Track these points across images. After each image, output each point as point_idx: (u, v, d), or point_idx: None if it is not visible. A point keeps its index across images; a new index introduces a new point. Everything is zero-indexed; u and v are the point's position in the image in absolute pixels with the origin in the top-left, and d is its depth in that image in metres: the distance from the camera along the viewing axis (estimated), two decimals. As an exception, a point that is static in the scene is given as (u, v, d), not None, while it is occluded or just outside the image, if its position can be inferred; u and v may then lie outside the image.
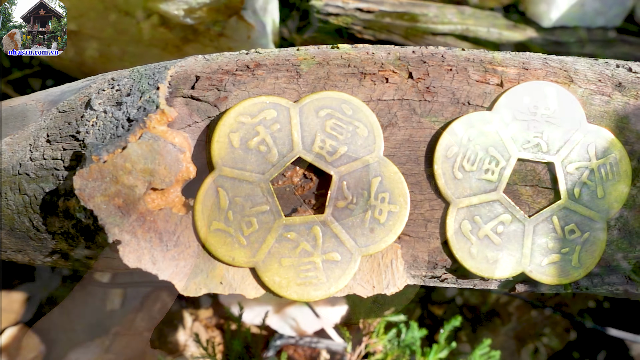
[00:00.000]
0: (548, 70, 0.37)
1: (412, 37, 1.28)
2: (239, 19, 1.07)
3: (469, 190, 0.36)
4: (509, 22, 1.31)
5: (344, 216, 0.35)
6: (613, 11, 1.34)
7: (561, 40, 1.31)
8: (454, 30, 1.27)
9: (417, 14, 1.25)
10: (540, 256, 0.36)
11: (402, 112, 0.36)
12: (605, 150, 0.36)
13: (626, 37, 1.36)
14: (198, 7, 1.00)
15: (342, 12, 1.21)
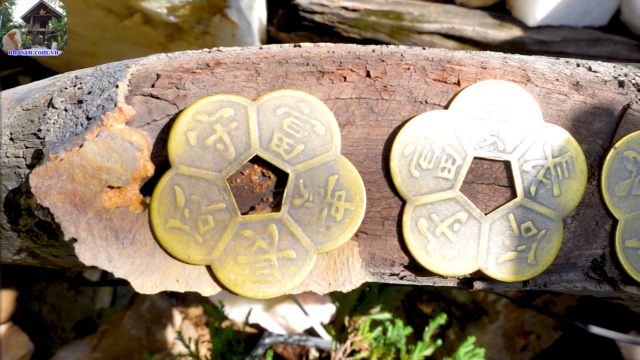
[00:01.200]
0: (506, 70, 0.38)
1: (398, 35, 1.29)
2: (222, 17, 1.07)
3: (425, 188, 0.36)
4: (494, 21, 1.32)
5: (300, 214, 0.35)
6: (599, 11, 1.35)
7: (546, 39, 1.32)
8: (440, 29, 1.27)
9: (402, 13, 1.26)
10: (497, 254, 0.36)
11: (359, 111, 0.36)
12: (561, 148, 0.37)
13: (612, 36, 1.36)
14: (181, 5, 1.00)
15: (327, 11, 1.21)
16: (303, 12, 1.20)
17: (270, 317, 1.48)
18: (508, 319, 1.50)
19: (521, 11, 1.31)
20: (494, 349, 1.49)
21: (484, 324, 1.51)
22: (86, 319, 1.57)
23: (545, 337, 1.48)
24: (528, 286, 0.38)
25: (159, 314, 1.54)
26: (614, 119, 0.38)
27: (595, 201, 0.38)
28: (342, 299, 1.11)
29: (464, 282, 0.38)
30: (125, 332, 1.49)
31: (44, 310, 1.56)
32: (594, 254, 0.38)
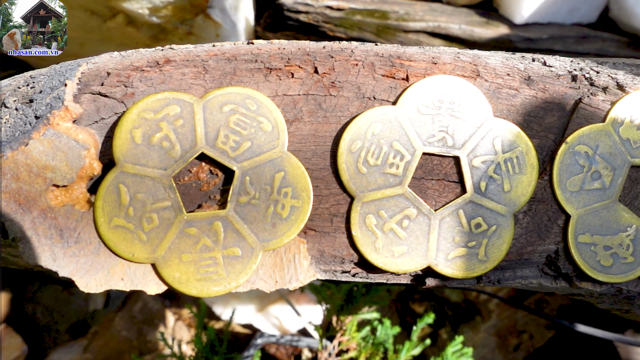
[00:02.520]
0: (457, 65, 0.37)
1: (384, 34, 1.28)
2: (205, 17, 1.07)
3: (373, 184, 0.36)
4: (481, 19, 1.31)
5: (246, 211, 0.35)
6: (587, 8, 1.34)
7: (533, 36, 1.32)
8: (426, 27, 1.27)
9: (387, 12, 1.26)
10: (447, 250, 0.36)
11: (307, 107, 0.36)
12: (511, 143, 0.36)
13: (600, 33, 1.36)
14: (162, 5, 1.00)
15: (311, 10, 1.21)
16: (288, 11, 1.20)
17: (264, 317, 1.48)
18: (501, 318, 1.50)
19: (508, 9, 1.31)
20: (486, 349, 1.48)
21: (476, 324, 1.51)
22: (80, 321, 1.57)
23: (538, 336, 1.48)
24: (482, 282, 0.38)
25: (151, 315, 1.54)
26: (566, 114, 0.38)
27: (547, 196, 0.37)
28: (327, 299, 1.11)
29: (416, 279, 0.38)
30: (115, 333, 1.49)
31: (38, 312, 1.56)
32: (548, 250, 0.38)
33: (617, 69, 0.40)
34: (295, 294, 1.44)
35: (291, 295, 1.44)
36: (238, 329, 1.52)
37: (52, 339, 1.56)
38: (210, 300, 1.50)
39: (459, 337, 1.03)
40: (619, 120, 0.37)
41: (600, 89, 0.38)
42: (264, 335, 1.30)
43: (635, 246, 0.37)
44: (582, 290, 0.39)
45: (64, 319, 1.57)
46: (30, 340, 1.53)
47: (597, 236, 0.37)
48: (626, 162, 0.37)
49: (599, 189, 0.37)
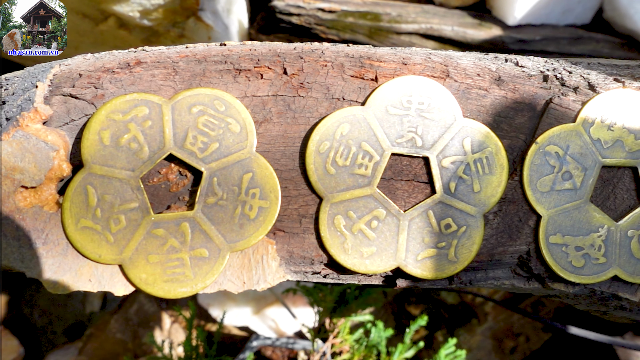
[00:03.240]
0: (427, 65, 0.37)
1: (377, 36, 1.28)
2: (197, 20, 1.07)
3: (342, 185, 0.36)
4: (474, 21, 1.31)
5: (213, 212, 0.35)
6: (581, 9, 1.34)
7: (526, 38, 1.31)
8: (418, 29, 1.27)
9: (380, 14, 1.26)
10: (416, 251, 0.36)
11: (276, 108, 0.36)
12: (481, 144, 0.36)
13: (594, 35, 1.36)
14: (153, 8, 1.01)
15: (303, 12, 1.21)
16: (280, 14, 1.20)
17: (260, 320, 1.48)
18: (497, 320, 1.49)
19: (501, 10, 1.31)
20: (482, 351, 1.48)
21: (472, 326, 1.50)
22: (76, 323, 1.57)
23: (535, 338, 1.47)
24: (454, 284, 0.38)
25: (147, 317, 1.54)
26: (537, 114, 0.37)
27: (518, 197, 0.37)
28: (320, 301, 1.10)
29: (387, 280, 0.38)
30: (110, 335, 1.49)
31: (34, 315, 1.56)
32: (519, 251, 0.38)
33: (591, 69, 0.40)
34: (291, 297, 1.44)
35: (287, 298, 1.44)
36: (235, 332, 1.52)
37: (48, 341, 1.56)
38: (207, 302, 1.50)
39: (452, 339, 1.03)
40: (590, 121, 0.37)
41: (571, 89, 0.38)
42: (259, 337, 1.30)
43: (607, 247, 0.37)
44: (556, 291, 0.39)
45: (61, 321, 1.58)
46: (27, 342, 1.53)
47: (569, 237, 0.37)
48: (597, 163, 0.37)
49: (570, 189, 0.37)
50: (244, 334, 1.48)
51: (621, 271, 0.37)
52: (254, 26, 1.30)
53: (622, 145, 0.37)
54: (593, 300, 0.40)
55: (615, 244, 0.37)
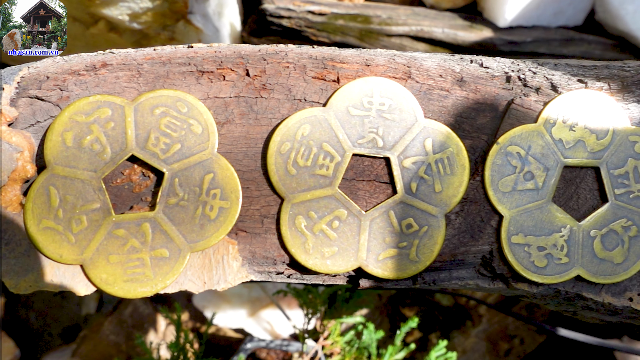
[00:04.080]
0: (389, 67, 0.38)
1: (367, 38, 1.29)
2: (186, 23, 1.08)
3: (303, 185, 0.36)
4: (465, 23, 1.32)
5: (174, 213, 0.35)
6: (572, 11, 1.34)
7: (517, 40, 1.32)
8: (409, 31, 1.27)
9: (370, 16, 1.26)
10: (377, 251, 0.36)
11: (239, 109, 0.37)
12: (442, 144, 0.37)
13: (585, 36, 1.36)
14: (142, 11, 1.01)
15: (294, 15, 1.21)
16: (270, 17, 1.21)
17: (255, 322, 1.48)
18: (491, 322, 1.49)
19: (491, 12, 1.31)
20: (477, 353, 1.47)
21: (467, 328, 1.50)
22: (72, 325, 1.58)
23: (529, 340, 1.47)
24: (418, 284, 0.38)
25: (141, 319, 1.54)
26: (498, 114, 0.38)
27: (480, 197, 0.37)
28: (308, 303, 1.11)
29: (351, 280, 0.38)
30: (104, 337, 1.49)
31: (31, 317, 1.57)
32: (482, 251, 0.38)
33: (557, 69, 0.40)
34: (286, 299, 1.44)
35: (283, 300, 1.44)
36: (230, 334, 1.52)
37: (45, 343, 1.57)
38: (202, 304, 1.50)
39: (443, 341, 1.02)
40: (551, 121, 0.37)
41: (534, 90, 0.38)
42: (253, 339, 1.30)
43: (570, 247, 0.37)
44: (520, 291, 0.39)
45: (57, 323, 1.58)
46: (23, 344, 1.54)
47: (531, 237, 0.37)
48: (559, 163, 0.37)
49: (532, 189, 0.37)
50: (239, 336, 1.48)
51: (584, 271, 0.37)
52: (245, 29, 1.30)
53: (584, 146, 0.37)
54: (559, 301, 0.40)
55: (577, 244, 0.37)
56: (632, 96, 0.38)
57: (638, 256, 0.37)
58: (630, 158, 0.37)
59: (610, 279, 0.37)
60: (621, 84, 0.39)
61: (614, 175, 0.37)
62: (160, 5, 1.01)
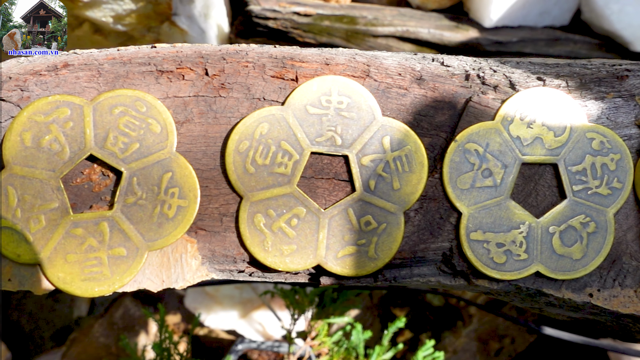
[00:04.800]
0: (349, 66, 0.38)
1: (353, 39, 1.29)
2: (171, 24, 1.08)
3: (262, 183, 0.36)
4: (451, 23, 1.32)
5: (132, 212, 0.35)
6: (558, 11, 1.35)
7: (503, 40, 1.32)
8: (395, 32, 1.27)
9: (356, 17, 1.26)
10: (336, 248, 0.36)
11: (198, 109, 0.37)
12: (400, 142, 0.37)
13: (571, 36, 1.36)
14: (125, 13, 1.01)
15: (279, 16, 1.22)
16: (256, 18, 1.21)
17: (247, 323, 1.48)
18: (482, 322, 1.49)
19: (477, 13, 1.32)
20: (467, 353, 1.48)
21: (457, 328, 1.50)
22: (64, 328, 1.57)
23: (520, 340, 1.47)
24: (379, 281, 0.38)
25: (132, 321, 1.54)
26: (457, 112, 0.38)
27: (439, 194, 0.38)
28: (295, 304, 1.11)
29: (312, 278, 0.38)
30: (94, 339, 1.49)
31: (22, 320, 1.57)
32: (442, 247, 0.38)
33: (518, 68, 0.40)
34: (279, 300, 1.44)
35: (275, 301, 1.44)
36: (223, 335, 1.52)
37: (36, 345, 1.56)
38: (194, 306, 1.50)
39: (430, 341, 1.03)
40: (509, 118, 0.37)
41: (491, 88, 0.38)
42: (244, 341, 1.30)
43: (528, 243, 0.37)
44: (481, 287, 0.39)
45: (48, 326, 1.58)
46: (14, 347, 1.53)
47: (490, 233, 0.37)
48: (517, 160, 0.37)
49: (490, 186, 0.37)
50: (231, 338, 1.48)
51: (543, 267, 0.38)
52: (232, 31, 1.31)
53: (541, 143, 0.38)
54: (522, 297, 0.41)
55: (536, 240, 0.37)
56: (590, 93, 0.39)
57: (597, 252, 0.38)
58: (588, 155, 0.38)
59: (570, 274, 0.38)
60: (579, 81, 0.39)
61: (571, 172, 0.38)
62: (144, 7, 1.01)
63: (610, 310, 0.38)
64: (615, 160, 0.38)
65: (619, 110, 0.39)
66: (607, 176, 0.38)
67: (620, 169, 0.38)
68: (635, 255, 0.38)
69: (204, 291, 1.47)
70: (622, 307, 0.38)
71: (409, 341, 1.48)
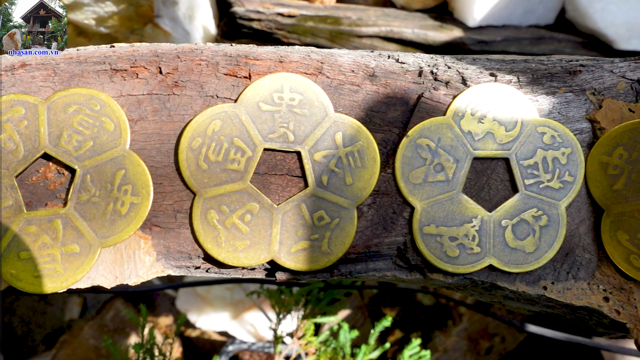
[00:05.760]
0: (302, 63, 0.38)
1: (338, 40, 1.30)
2: (154, 26, 1.09)
3: (215, 180, 0.36)
4: (435, 23, 1.33)
5: (85, 209, 0.36)
6: (542, 10, 1.35)
7: (487, 39, 1.33)
8: (379, 32, 1.28)
9: (340, 17, 1.27)
10: (290, 243, 0.37)
11: (152, 107, 0.37)
12: (352, 138, 0.37)
13: (555, 35, 1.37)
14: (107, 15, 1.02)
15: (263, 18, 1.22)
16: (240, 19, 1.21)
17: (239, 324, 1.48)
18: (472, 321, 1.49)
19: (461, 12, 1.32)
20: (458, 352, 1.48)
21: (448, 327, 1.50)
22: (56, 331, 1.57)
23: (510, 339, 1.47)
24: (335, 275, 0.39)
25: (123, 323, 1.54)
26: (409, 108, 0.38)
27: (392, 189, 0.38)
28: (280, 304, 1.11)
29: (269, 273, 0.39)
30: (83, 342, 1.49)
31: (14, 323, 1.57)
32: (396, 242, 0.38)
33: (474, 64, 0.41)
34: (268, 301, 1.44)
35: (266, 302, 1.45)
36: (215, 337, 1.52)
37: (28, 348, 1.57)
38: (185, 308, 1.50)
39: (416, 340, 1.03)
40: (460, 114, 0.38)
41: (443, 84, 0.39)
42: (235, 342, 1.30)
43: (481, 237, 0.38)
44: (436, 281, 0.40)
45: (40, 329, 1.58)
46: (6, 350, 1.54)
47: (442, 227, 0.38)
48: (468, 154, 0.38)
49: (442, 180, 0.38)
50: (223, 339, 1.48)
51: (496, 260, 0.38)
52: (218, 32, 1.31)
53: (492, 137, 0.38)
54: (479, 291, 0.41)
55: (489, 234, 0.38)
56: (542, 88, 0.39)
57: (549, 245, 0.38)
58: (539, 149, 0.38)
59: (523, 267, 0.38)
60: (531, 76, 0.39)
61: (523, 166, 0.38)
62: (126, 9, 1.01)
63: (564, 302, 0.39)
64: (566, 154, 0.38)
65: (570, 104, 0.39)
66: (558, 170, 0.38)
67: (571, 162, 0.38)
68: (588, 248, 0.39)
69: (195, 292, 1.47)
70: (575, 299, 0.38)
71: (399, 341, 1.48)
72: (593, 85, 0.39)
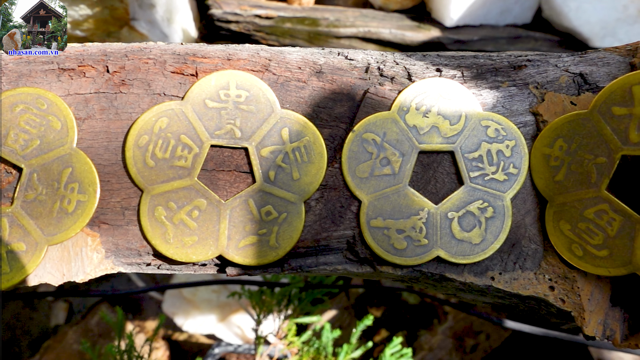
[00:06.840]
0: (250, 61, 0.39)
1: (316, 41, 1.30)
2: (130, 29, 1.09)
3: (162, 177, 0.37)
4: (412, 23, 1.34)
5: (32, 207, 0.36)
6: (519, 9, 1.37)
7: (464, 38, 1.34)
8: (357, 32, 1.29)
9: (317, 19, 1.28)
10: (238, 238, 0.37)
11: (99, 105, 0.37)
12: (299, 133, 0.38)
13: (532, 33, 1.38)
14: (82, 19, 1.02)
15: (241, 20, 1.23)
16: (218, 22, 1.22)
17: (226, 327, 1.48)
18: (457, 319, 1.50)
19: (438, 12, 1.33)
20: (443, 351, 1.49)
21: (433, 326, 1.51)
22: (41, 336, 1.57)
23: (495, 336, 1.48)
24: (285, 270, 0.39)
25: (108, 327, 1.53)
26: (355, 104, 0.39)
27: (339, 183, 0.38)
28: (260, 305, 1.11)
29: (221, 268, 0.39)
30: (67, 347, 1.48)
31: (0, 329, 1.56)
32: (345, 235, 0.39)
33: (422, 60, 0.41)
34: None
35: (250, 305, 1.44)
36: (202, 340, 1.52)
37: (14, 354, 1.56)
38: (172, 311, 1.50)
39: (397, 338, 1.03)
40: (405, 108, 0.38)
41: (389, 79, 0.39)
42: (221, 344, 1.30)
43: (428, 229, 0.38)
44: (386, 274, 0.40)
45: (26, 335, 1.57)
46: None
47: (390, 220, 0.38)
48: (414, 148, 0.38)
49: (389, 174, 0.38)
50: (211, 342, 1.48)
51: (444, 252, 0.38)
52: (199, 35, 1.32)
53: (437, 131, 0.39)
54: (430, 283, 0.42)
55: (435, 226, 0.38)
56: (485, 83, 0.40)
57: (495, 236, 0.39)
58: (484, 142, 0.39)
59: (470, 259, 0.39)
60: (476, 71, 0.40)
61: (468, 159, 0.39)
62: (101, 12, 1.01)
63: (511, 292, 0.39)
64: (510, 147, 0.39)
65: (514, 98, 0.40)
66: (502, 162, 0.39)
67: (515, 155, 0.39)
68: (534, 238, 0.39)
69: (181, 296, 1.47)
70: (522, 289, 0.39)
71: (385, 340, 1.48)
72: (536, 79, 0.40)
